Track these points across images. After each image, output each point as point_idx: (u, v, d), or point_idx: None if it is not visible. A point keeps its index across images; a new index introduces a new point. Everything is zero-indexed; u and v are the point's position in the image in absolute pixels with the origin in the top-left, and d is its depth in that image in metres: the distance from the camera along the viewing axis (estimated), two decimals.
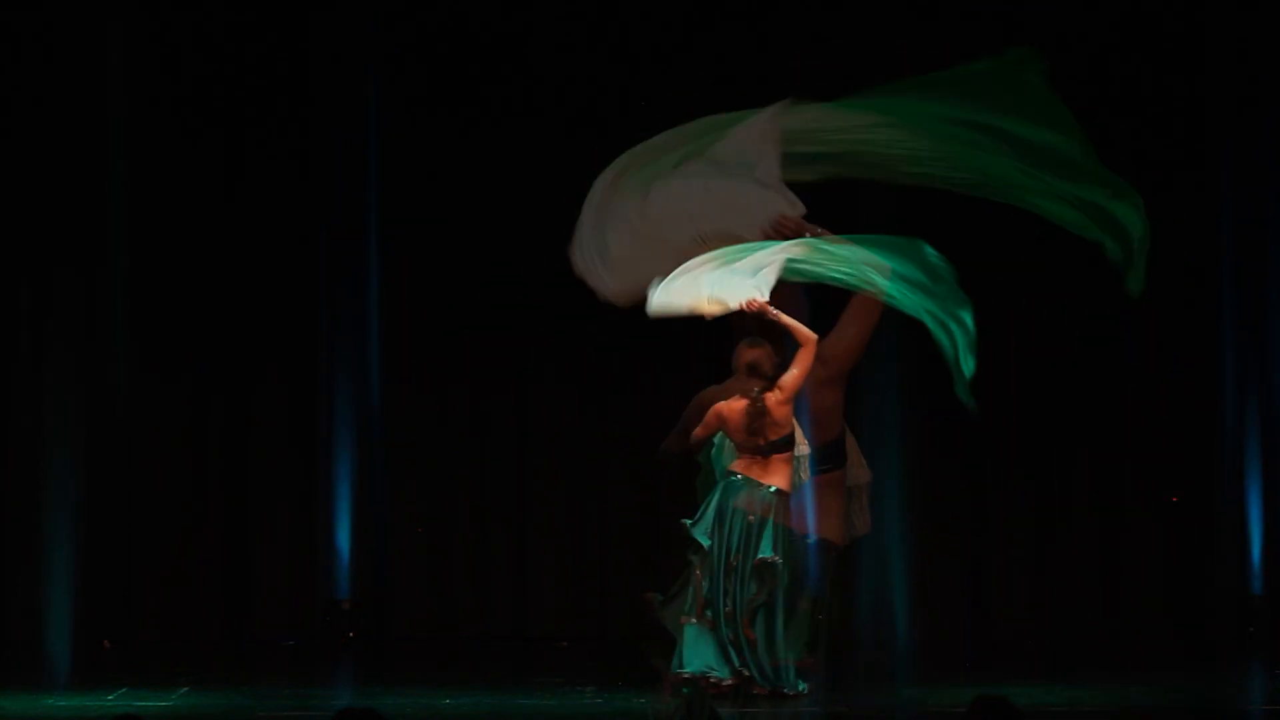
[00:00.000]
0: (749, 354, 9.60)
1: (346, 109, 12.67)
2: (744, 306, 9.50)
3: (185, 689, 10.12)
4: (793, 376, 9.52)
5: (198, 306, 12.69)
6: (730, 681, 9.37)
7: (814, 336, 9.56)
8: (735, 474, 9.57)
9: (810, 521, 9.84)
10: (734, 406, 9.56)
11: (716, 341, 10.09)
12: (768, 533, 9.46)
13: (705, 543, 9.48)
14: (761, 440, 9.51)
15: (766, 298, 9.48)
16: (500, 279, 12.74)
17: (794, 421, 9.66)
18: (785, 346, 9.66)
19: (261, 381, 12.74)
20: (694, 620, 9.48)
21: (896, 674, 11.08)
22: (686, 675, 9.40)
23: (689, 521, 9.60)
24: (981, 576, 12.77)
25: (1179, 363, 12.76)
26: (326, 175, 12.69)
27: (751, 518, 9.47)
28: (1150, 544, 12.76)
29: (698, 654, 9.46)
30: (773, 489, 9.52)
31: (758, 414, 9.49)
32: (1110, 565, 12.76)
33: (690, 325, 12.47)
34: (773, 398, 9.51)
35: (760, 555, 9.43)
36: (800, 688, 9.48)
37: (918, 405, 12.73)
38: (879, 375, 12.75)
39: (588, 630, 12.70)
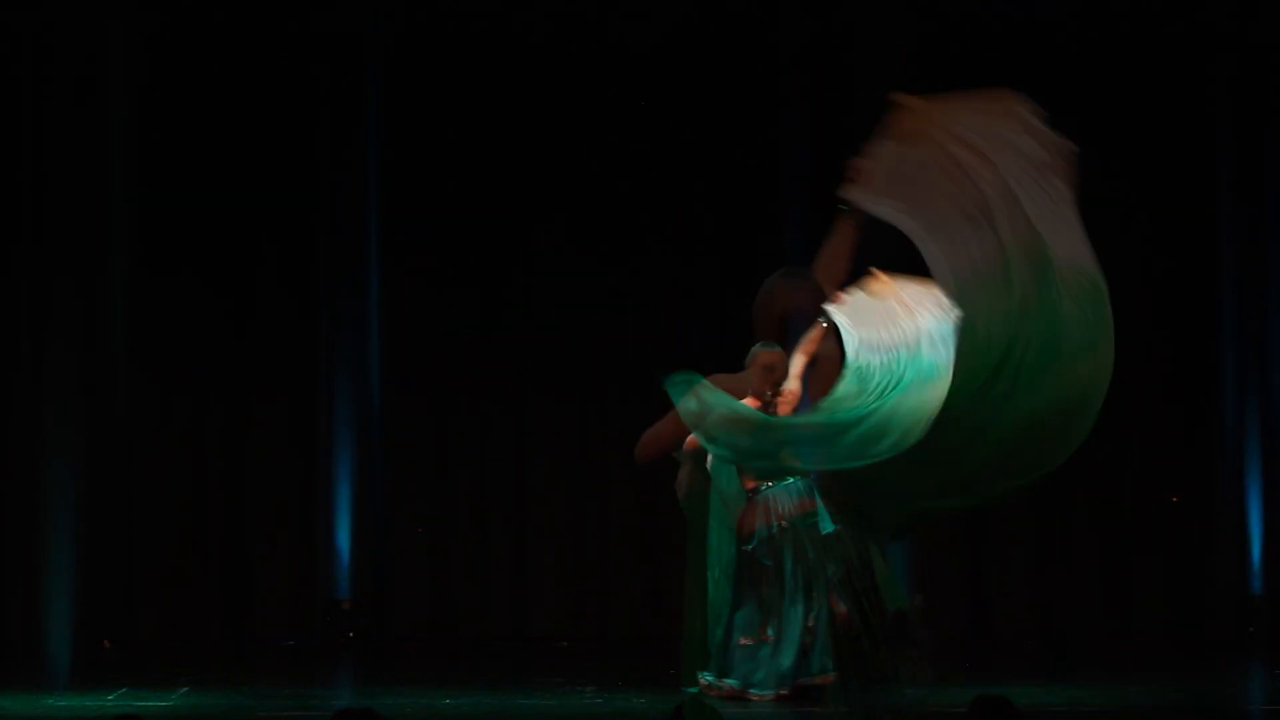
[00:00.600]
0: (767, 357, 9.53)
1: (346, 111, 12.68)
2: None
3: (185, 689, 10.11)
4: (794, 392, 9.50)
5: (197, 307, 12.69)
6: (770, 697, 9.33)
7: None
8: (759, 487, 9.52)
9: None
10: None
11: (716, 343, 10.08)
12: (820, 512, 9.43)
13: (768, 563, 9.44)
14: None
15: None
16: (500, 279, 12.75)
17: None
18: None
19: (261, 382, 12.74)
20: (749, 640, 9.42)
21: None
22: (728, 687, 9.35)
23: (749, 547, 9.51)
24: (981, 576, 12.77)
25: (1179, 363, 12.76)
26: (327, 175, 12.69)
27: (798, 515, 9.43)
28: (1150, 544, 12.76)
29: (744, 669, 9.39)
30: (796, 480, 9.47)
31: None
32: (1110, 565, 12.76)
33: (690, 325, 12.53)
34: (784, 404, 9.46)
35: (824, 532, 9.38)
36: (829, 670, 9.43)
37: None
38: None
39: (588, 630, 12.71)
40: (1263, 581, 12.57)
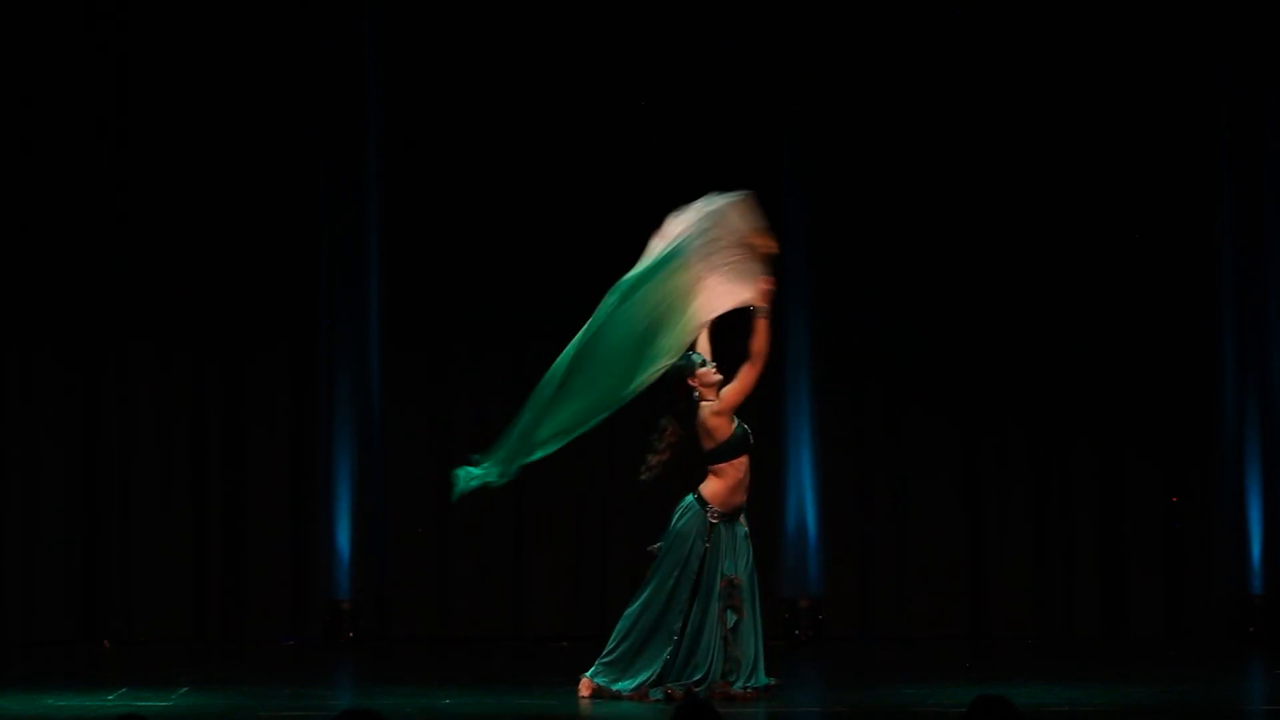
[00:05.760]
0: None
1: (346, 113, 12.69)
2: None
3: (185, 689, 10.12)
4: (733, 390, 9.64)
5: (195, 309, 12.68)
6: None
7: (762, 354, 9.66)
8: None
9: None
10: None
11: (718, 342, 10.06)
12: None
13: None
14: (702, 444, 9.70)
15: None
16: (501, 281, 12.75)
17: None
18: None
19: (261, 381, 12.73)
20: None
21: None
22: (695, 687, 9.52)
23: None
24: (981, 576, 12.77)
25: (1179, 362, 12.76)
26: (328, 173, 12.71)
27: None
28: (1150, 544, 12.75)
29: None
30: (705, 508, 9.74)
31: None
32: (1110, 564, 12.75)
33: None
34: (708, 407, 9.71)
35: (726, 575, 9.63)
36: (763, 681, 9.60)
37: (918, 406, 12.74)
38: (878, 376, 12.76)
39: (588, 630, 12.69)
40: (1263, 581, 12.57)
